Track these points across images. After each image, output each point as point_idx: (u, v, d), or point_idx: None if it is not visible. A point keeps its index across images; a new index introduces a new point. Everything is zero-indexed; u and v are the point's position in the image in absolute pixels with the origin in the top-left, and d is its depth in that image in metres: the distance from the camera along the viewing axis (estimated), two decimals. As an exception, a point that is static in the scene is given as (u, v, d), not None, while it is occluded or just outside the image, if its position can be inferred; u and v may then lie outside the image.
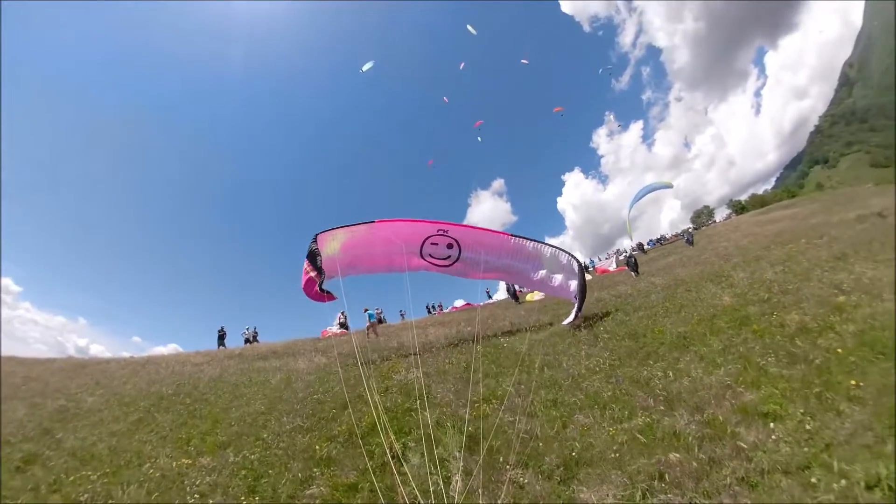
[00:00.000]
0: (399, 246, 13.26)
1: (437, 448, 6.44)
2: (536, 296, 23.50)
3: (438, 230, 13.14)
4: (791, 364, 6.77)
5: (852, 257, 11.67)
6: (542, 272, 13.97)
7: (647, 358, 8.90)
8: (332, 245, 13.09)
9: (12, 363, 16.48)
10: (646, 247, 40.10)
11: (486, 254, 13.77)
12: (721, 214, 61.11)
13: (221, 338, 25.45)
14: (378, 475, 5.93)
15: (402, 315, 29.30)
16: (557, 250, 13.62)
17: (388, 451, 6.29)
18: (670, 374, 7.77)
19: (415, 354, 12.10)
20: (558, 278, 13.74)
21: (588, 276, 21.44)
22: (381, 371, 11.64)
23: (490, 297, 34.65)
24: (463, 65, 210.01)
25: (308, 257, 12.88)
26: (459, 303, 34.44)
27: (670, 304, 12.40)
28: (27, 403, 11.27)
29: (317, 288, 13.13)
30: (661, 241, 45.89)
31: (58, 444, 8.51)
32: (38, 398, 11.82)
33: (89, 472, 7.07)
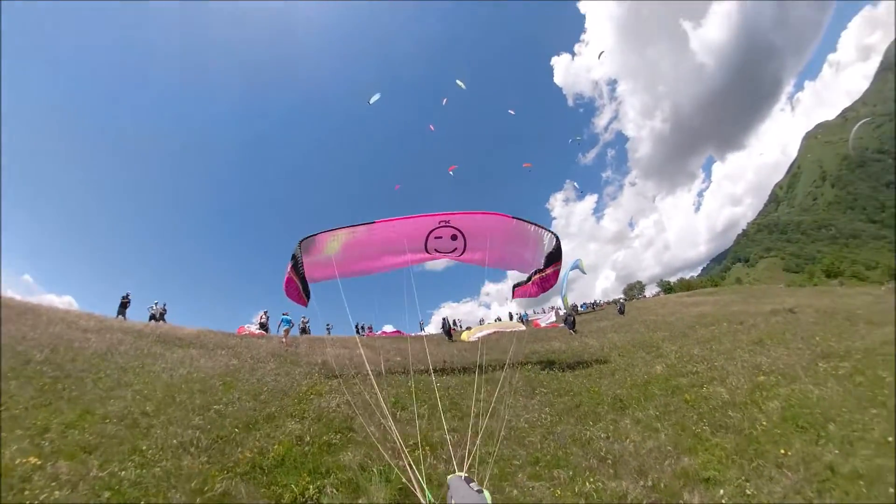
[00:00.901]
0: (402, 244, 12.60)
1: (359, 499, 5.72)
2: (472, 335, 23.24)
3: (440, 222, 12.47)
4: (724, 432, 6.98)
5: (769, 343, 12.69)
6: (541, 258, 13.23)
7: (585, 417, 8.84)
8: (332, 245, 12.41)
9: None
10: (579, 309, 41.88)
11: (492, 240, 12.84)
12: (651, 291, 66.00)
13: (124, 306, 21.89)
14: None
15: (328, 329, 27.29)
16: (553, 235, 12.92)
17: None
18: (611, 435, 7.69)
19: (339, 377, 11.06)
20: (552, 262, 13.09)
21: (522, 327, 21.75)
22: (297, 390, 10.28)
23: (423, 328, 33.82)
24: (433, 127, 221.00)
25: (292, 262, 12.31)
26: (389, 328, 32.87)
27: (605, 367, 12.71)
28: None
29: (299, 291, 12.55)
30: (594, 305, 48.15)
31: None
32: None
33: None
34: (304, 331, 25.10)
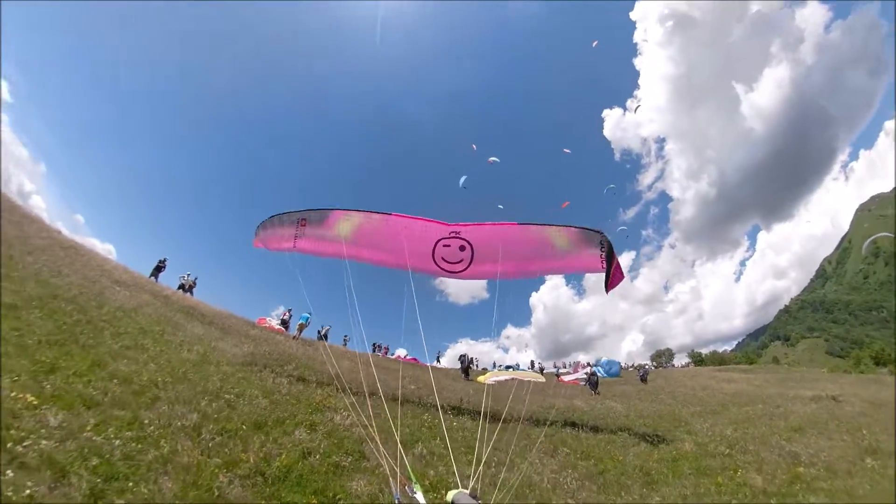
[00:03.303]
0: (413, 244, 12.20)
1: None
2: (490, 378, 22.73)
3: (451, 232, 12.13)
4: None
5: (809, 432, 11.98)
6: (559, 255, 12.26)
7: (609, 486, 8.54)
8: (343, 226, 12.05)
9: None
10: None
11: (503, 251, 12.02)
12: (680, 360, 62.75)
13: (158, 269, 22.45)
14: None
15: (345, 341, 26.79)
16: (573, 229, 11.94)
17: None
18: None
19: (354, 394, 10.19)
20: (576, 253, 12.00)
21: (542, 379, 21.22)
22: (311, 399, 9.77)
23: (439, 360, 33.06)
24: (475, 147, 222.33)
25: (287, 220, 12.17)
26: (402, 352, 32.07)
27: (629, 436, 12.25)
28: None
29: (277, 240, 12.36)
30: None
31: None
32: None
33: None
34: (324, 336, 25.07)
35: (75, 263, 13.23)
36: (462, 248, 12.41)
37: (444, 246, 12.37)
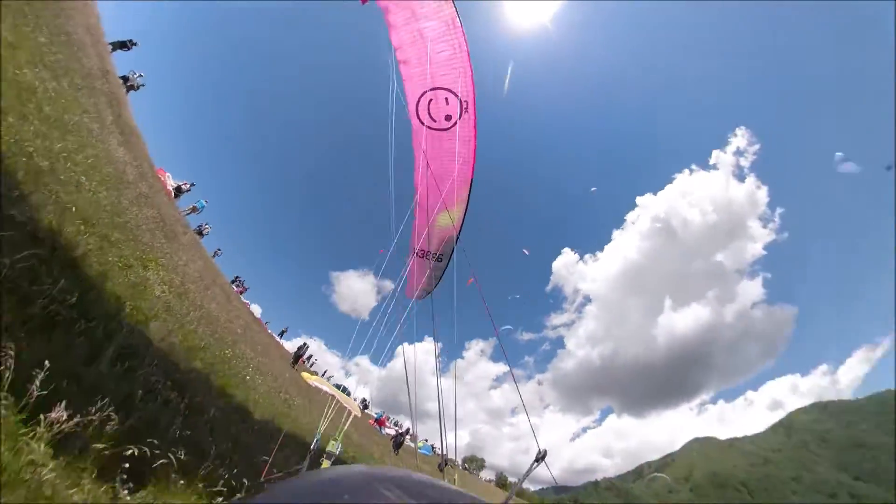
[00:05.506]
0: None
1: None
2: (314, 381, 23.08)
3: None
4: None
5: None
6: None
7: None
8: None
9: None
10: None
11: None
12: (487, 475, 65.89)
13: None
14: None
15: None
16: None
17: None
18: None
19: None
20: None
21: (358, 413, 22.06)
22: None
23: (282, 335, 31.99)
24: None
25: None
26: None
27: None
28: None
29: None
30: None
31: None
32: None
33: None
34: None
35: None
36: (447, 101, 9.20)
37: (429, 101, 9.34)
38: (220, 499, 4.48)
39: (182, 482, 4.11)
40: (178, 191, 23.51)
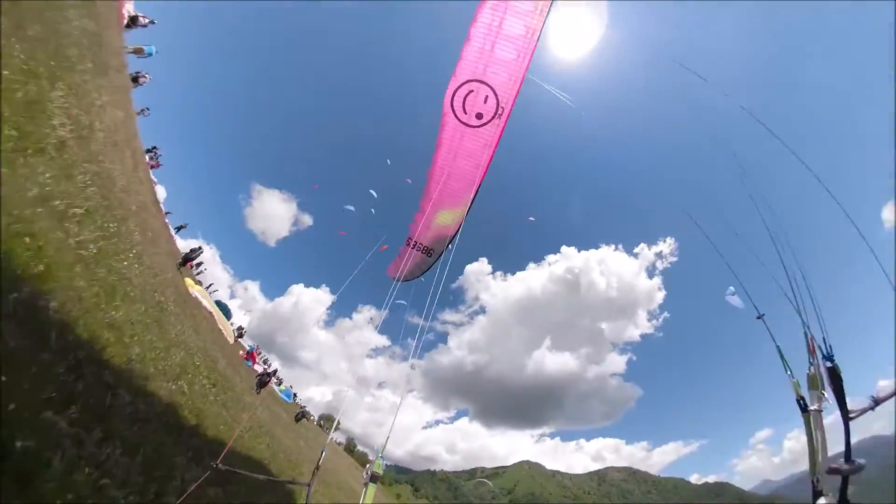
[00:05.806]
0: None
1: None
2: (195, 289, 21.25)
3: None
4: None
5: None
6: None
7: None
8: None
9: None
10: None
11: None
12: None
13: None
14: None
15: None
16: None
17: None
18: None
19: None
20: None
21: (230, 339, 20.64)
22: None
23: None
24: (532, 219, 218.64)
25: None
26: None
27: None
28: None
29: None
30: None
31: None
32: None
33: None
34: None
35: None
36: (486, 100, 9.48)
37: (467, 93, 9.37)
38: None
39: None
40: (134, 21, 19.72)
